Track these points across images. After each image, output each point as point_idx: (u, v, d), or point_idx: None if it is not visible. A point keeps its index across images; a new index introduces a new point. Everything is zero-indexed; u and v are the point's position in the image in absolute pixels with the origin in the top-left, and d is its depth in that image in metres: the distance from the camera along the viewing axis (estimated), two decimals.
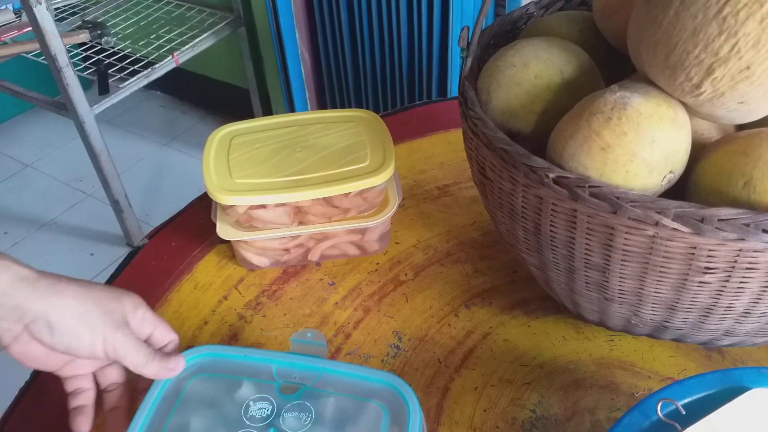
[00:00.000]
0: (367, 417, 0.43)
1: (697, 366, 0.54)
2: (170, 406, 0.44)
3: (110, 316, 0.43)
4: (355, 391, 0.45)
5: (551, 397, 0.52)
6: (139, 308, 0.45)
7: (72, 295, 0.42)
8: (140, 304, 0.46)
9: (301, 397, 0.45)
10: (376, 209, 0.64)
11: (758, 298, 0.41)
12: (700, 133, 0.46)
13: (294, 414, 0.44)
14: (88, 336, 0.42)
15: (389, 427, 0.43)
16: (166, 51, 1.70)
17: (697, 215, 0.37)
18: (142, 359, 0.44)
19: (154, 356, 0.44)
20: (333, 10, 1.57)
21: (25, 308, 0.40)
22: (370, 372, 0.46)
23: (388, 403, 0.44)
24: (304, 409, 0.44)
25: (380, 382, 0.45)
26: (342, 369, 0.46)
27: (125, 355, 0.43)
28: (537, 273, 0.53)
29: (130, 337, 0.43)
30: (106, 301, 0.43)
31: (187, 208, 0.73)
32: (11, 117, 2.29)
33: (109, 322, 0.42)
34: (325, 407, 0.44)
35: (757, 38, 0.37)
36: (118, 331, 0.43)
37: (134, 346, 0.44)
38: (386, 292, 0.62)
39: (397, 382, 0.45)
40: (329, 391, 0.45)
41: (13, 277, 0.40)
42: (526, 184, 0.43)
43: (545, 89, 0.48)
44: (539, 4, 0.60)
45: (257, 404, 0.44)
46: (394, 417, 0.43)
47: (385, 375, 0.45)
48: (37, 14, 1.26)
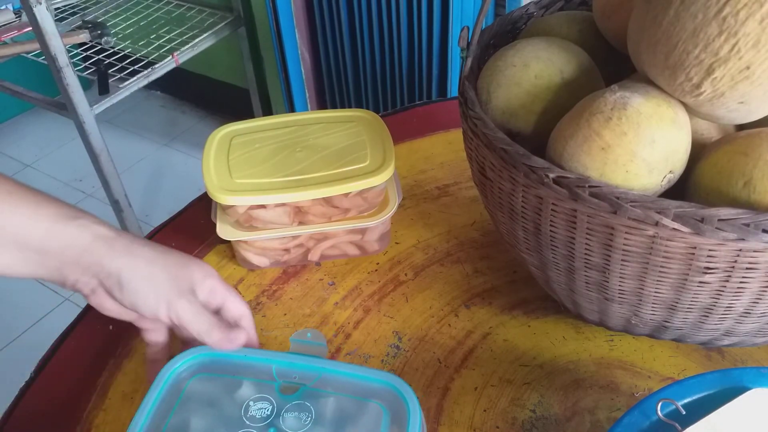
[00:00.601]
0: (367, 417, 0.43)
1: (697, 366, 0.54)
2: (170, 405, 0.44)
3: (177, 281, 0.44)
4: (355, 391, 0.45)
5: (551, 397, 0.52)
6: (208, 278, 0.46)
7: (144, 257, 0.44)
8: (210, 274, 0.46)
9: (301, 397, 0.45)
10: (376, 209, 0.64)
11: (758, 298, 0.41)
12: (700, 133, 0.46)
13: (294, 414, 0.44)
14: (153, 298, 0.43)
15: (389, 427, 0.43)
16: (166, 51, 1.70)
17: (697, 215, 0.37)
18: (204, 327, 0.44)
19: (216, 326, 0.45)
20: (333, 10, 1.57)
21: (102, 265, 0.43)
22: (370, 372, 0.46)
23: (388, 403, 0.44)
24: (304, 409, 0.44)
25: (380, 382, 0.45)
26: (342, 369, 0.46)
27: (188, 322, 0.44)
28: (537, 273, 0.53)
29: (194, 305, 0.44)
30: (175, 267, 0.44)
31: (187, 208, 0.73)
32: (11, 117, 2.29)
33: (175, 287, 0.44)
34: (325, 407, 0.44)
35: (757, 38, 0.37)
36: (183, 298, 0.44)
37: (197, 313, 0.44)
38: (386, 292, 0.62)
39: (397, 382, 0.45)
40: (329, 391, 0.45)
41: (92, 235, 0.43)
42: (526, 184, 0.43)
43: (545, 89, 0.48)
44: (539, 4, 0.60)
45: (257, 404, 0.44)
46: (394, 417, 0.43)
47: (385, 375, 0.45)
48: (37, 14, 1.26)
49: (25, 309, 1.63)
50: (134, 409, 0.53)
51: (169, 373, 0.45)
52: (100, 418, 0.52)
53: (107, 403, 0.53)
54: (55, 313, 1.62)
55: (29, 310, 1.62)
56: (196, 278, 0.45)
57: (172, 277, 0.44)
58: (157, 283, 0.43)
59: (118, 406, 0.53)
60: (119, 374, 0.56)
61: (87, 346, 0.58)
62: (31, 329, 1.58)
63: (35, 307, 1.63)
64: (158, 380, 0.45)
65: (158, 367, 0.46)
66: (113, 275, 0.43)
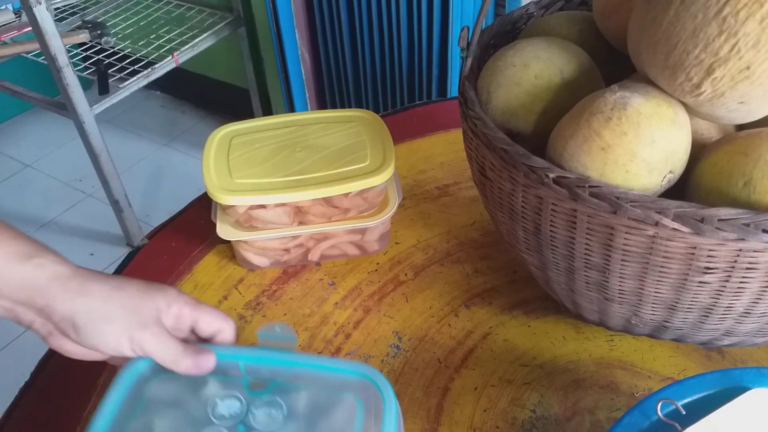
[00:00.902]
0: (341, 410, 0.42)
1: (697, 366, 0.54)
2: (131, 408, 0.42)
3: (138, 314, 0.42)
4: (327, 384, 0.43)
5: (551, 397, 0.52)
6: (173, 304, 0.44)
7: (99, 296, 0.42)
8: (174, 299, 0.44)
9: (272, 392, 0.43)
10: (376, 209, 0.64)
11: (758, 298, 0.41)
12: (700, 133, 0.46)
13: (265, 410, 0.42)
14: (112, 336, 0.42)
15: (364, 419, 0.41)
16: (166, 51, 1.70)
17: (697, 215, 0.37)
18: (170, 357, 0.43)
19: (183, 353, 0.43)
20: (333, 10, 1.57)
21: (54, 308, 0.41)
22: (342, 363, 0.44)
23: (363, 394, 0.43)
24: (275, 405, 0.43)
25: (353, 374, 0.43)
26: (313, 362, 0.44)
27: (153, 354, 0.43)
28: (537, 273, 0.53)
29: (158, 335, 0.43)
30: (135, 300, 0.43)
31: (187, 208, 0.73)
32: (11, 117, 2.29)
33: (135, 321, 0.42)
34: (297, 402, 0.43)
35: (757, 38, 0.37)
36: (146, 330, 0.42)
37: (162, 343, 0.43)
38: (386, 292, 0.62)
39: (371, 373, 0.43)
40: (301, 386, 0.43)
41: (48, 276, 0.41)
42: (526, 184, 0.43)
43: (545, 89, 0.48)
44: (539, 4, 0.60)
45: (225, 402, 0.43)
46: (369, 408, 0.42)
47: (358, 366, 0.44)
48: (37, 14, 1.26)
49: None
50: None
51: (129, 373, 0.43)
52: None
53: None
54: None
55: None
56: (160, 307, 0.43)
57: (132, 311, 0.42)
58: (115, 320, 0.42)
59: None
60: None
61: None
62: None
63: None
64: (117, 382, 0.43)
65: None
66: (67, 318, 0.41)
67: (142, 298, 0.43)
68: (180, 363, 0.43)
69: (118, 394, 0.42)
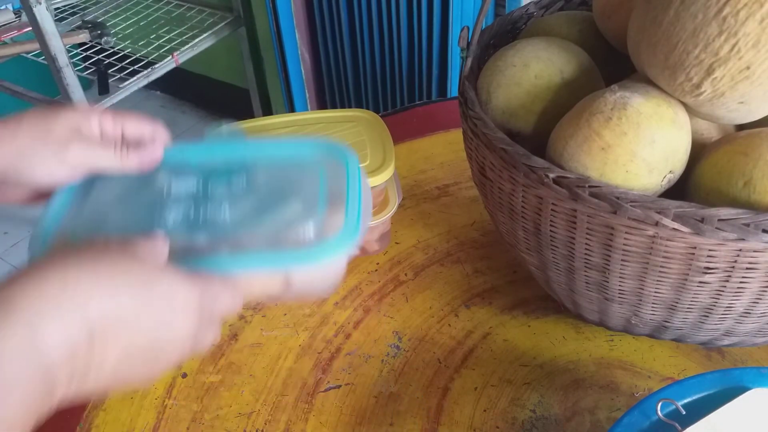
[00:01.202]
0: (303, 178, 0.40)
1: (697, 366, 0.54)
2: (80, 207, 0.39)
3: (53, 134, 0.39)
4: (287, 161, 0.41)
5: (551, 397, 0.52)
6: (91, 115, 0.40)
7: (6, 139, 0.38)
8: (90, 111, 0.41)
9: (230, 172, 0.40)
10: (376, 209, 0.64)
11: (758, 298, 0.41)
12: (700, 133, 0.46)
13: (224, 184, 0.39)
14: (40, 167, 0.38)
15: (327, 182, 0.39)
16: (166, 51, 1.70)
17: (697, 215, 0.37)
18: (109, 160, 0.39)
19: (124, 152, 0.40)
20: (333, 10, 1.57)
21: None
22: (301, 140, 0.43)
23: (327, 164, 0.41)
24: (235, 178, 0.40)
25: (314, 148, 0.42)
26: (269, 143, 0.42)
27: (89, 163, 0.39)
28: (537, 273, 0.53)
29: (87, 144, 0.39)
30: (41, 124, 0.39)
31: None
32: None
33: (53, 142, 0.39)
34: (256, 177, 0.40)
35: (757, 38, 0.37)
36: (71, 144, 0.39)
37: (93, 150, 0.39)
38: (386, 292, 0.62)
39: (332, 144, 0.41)
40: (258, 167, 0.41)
41: None
42: (526, 184, 0.43)
43: (545, 89, 0.48)
44: (539, 4, 0.60)
45: (179, 182, 0.39)
46: (332, 175, 0.40)
47: (318, 141, 0.42)
48: (37, 14, 1.26)
49: None
50: (134, 409, 0.53)
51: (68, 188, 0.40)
52: (100, 418, 0.52)
53: (107, 403, 0.53)
54: None
55: None
56: (76, 121, 0.40)
57: (44, 134, 0.39)
58: (34, 150, 0.38)
59: (118, 406, 0.53)
60: None
61: None
62: None
63: None
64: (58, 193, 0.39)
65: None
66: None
67: (45, 120, 0.39)
68: (124, 161, 0.40)
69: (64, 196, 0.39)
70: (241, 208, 0.38)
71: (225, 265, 0.35)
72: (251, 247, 0.36)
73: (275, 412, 0.52)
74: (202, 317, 0.33)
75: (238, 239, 0.37)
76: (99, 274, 0.30)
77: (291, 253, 0.36)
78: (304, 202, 0.38)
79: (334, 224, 0.37)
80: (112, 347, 0.30)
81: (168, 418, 0.52)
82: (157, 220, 0.38)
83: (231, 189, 0.39)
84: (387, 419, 0.51)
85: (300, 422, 0.51)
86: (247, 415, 0.52)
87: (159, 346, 0.32)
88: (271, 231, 0.37)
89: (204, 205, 0.38)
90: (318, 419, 0.51)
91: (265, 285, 0.38)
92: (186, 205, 0.38)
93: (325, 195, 0.39)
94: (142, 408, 0.53)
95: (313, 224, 0.37)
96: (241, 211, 0.38)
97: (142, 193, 0.39)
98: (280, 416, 0.52)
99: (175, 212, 0.38)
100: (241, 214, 0.38)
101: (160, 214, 0.38)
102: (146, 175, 0.40)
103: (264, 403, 0.53)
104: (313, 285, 0.39)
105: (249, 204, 0.38)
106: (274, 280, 0.37)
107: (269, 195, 0.39)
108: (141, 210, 0.39)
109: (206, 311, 0.34)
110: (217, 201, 0.38)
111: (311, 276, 0.39)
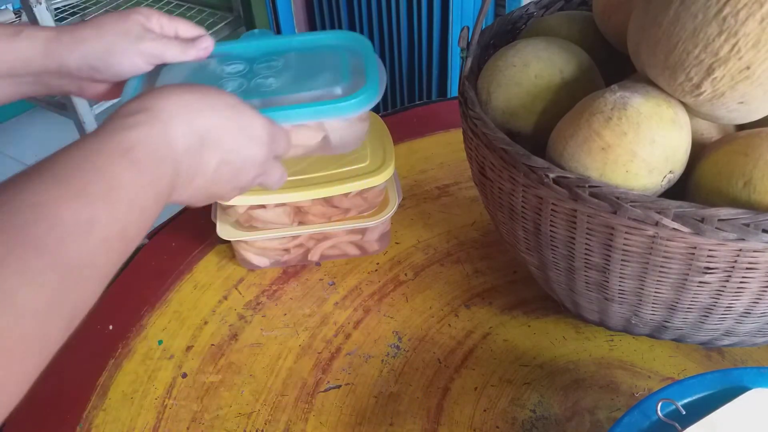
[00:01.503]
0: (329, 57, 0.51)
1: (697, 366, 0.54)
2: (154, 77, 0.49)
3: (129, 34, 0.47)
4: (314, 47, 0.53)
5: (551, 397, 0.52)
6: (152, 16, 0.49)
7: (93, 36, 0.46)
8: (151, 12, 0.49)
9: (270, 58, 0.52)
10: (376, 209, 0.64)
11: (758, 298, 0.41)
12: (700, 133, 0.46)
13: (264, 64, 0.51)
14: (125, 59, 0.47)
15: (349, 60, 0.51)
16: None
17: (697, 215, 0.37)
18: (176, 50, 0.49)
19: (185, 44, 0.50)
20: (333, 10, 1.57)
21: (66, 64, 0.46)
22: (326, 33, 0.55)
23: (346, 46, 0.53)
24: (274, 61, 0.51)
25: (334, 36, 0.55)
26: (298, 36, 0.54)
27: (161, 53, 0.48)
28: (537, 273, 0.53)
29: (157, 39, 0.48)
30: (120, 24, 0.47)
31: (187, 208, 0.73)
32: (11, 117, 2.29)
33: (132, 39, 0.47)
34: (290, 59, 0.52)
35: (757, 38, 0.37)
36: (144, 40, 0.47)
37: (163, 43, 0.48)
38: (386, 292, 0.62)
39: (354, 36, 0.54)
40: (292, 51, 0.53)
41: (43, 40, 0.46)
42: (526, 184, 0.43)
43: (545, 89, 0.48)
44: (539, 4, 0.60)
45: (229, 67, 0.51)
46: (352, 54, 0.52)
47: (343, 33, 0.54)
48: (37, 14, 1.26)
49: None
50: (134, 409, 0.53)
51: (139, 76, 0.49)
52: (100, 418, 0.52)
53: (107, 403, 0.53)
54: None
55: None
56: (141, 21, 0.48)
57: (123, 34, 0.47)
58: (117, 45, 0.47)
59: (118, 406, 0.53)
60: (119, 374, 0.56)
61: (87, 346, 0.58)
62: None
63: None
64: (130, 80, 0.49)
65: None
66: (81, 66, 0.46)
67: (122, 20, 0.48)
68: (187, 52, 0.50)
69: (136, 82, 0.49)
70: (283, 79, 0.50)
71: (276, 118, 0.45)
72: (295, 105, 0.47)
73: (275, 412, 0.52)
74: (269, 149, 0.42)
75: (284, 100, 0.48)
76: (202, 98, 0.38)
77: (326, 106, 0.47)
78: (333, 73, 0.50)
79: (357, 88, 0.48)
80: (212, 156, 0.38)
81: (168, 418, 0.52)
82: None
83: (272, 67, 0.51)
84: (387, 419, 0.51)
85: (300, 422, 0.51)
86: (247, 415, 0.52)
87: (240, 166, 0.40)
88: (309, 94, 0.48)
89: (252, 79, 0.50)
90: (318, 419, 0.51)
91: (308, 137, 0.50)
92: (239, 80, 0.50)
93: (348, 68, 0.50)
94: (142, 408, 0.53)
95: (341, 88, 0.48)
96: (283, 81, 0.50)
97: (200, 76, 0.50)
98: (280, 416, 0.52)
99: (231, 84, 0.49)
100: (283, 83, 0.49)
101: (220, 85, 0.49)
102: (201, 63, 0.51)
103: (264, 403, 0.53)
104: (343, 138, 0.51)
105: (289, 76, 0.50)
106: (314, 131, 0.50)
107: (304, 70, 0.51)
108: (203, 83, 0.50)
109: (272, 146, 0.42)
110: (262, 76, 0.50)
111: (342, 129, 0.50)
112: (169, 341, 0.59)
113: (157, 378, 0.55)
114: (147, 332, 0.59)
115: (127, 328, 0.60)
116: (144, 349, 0.58)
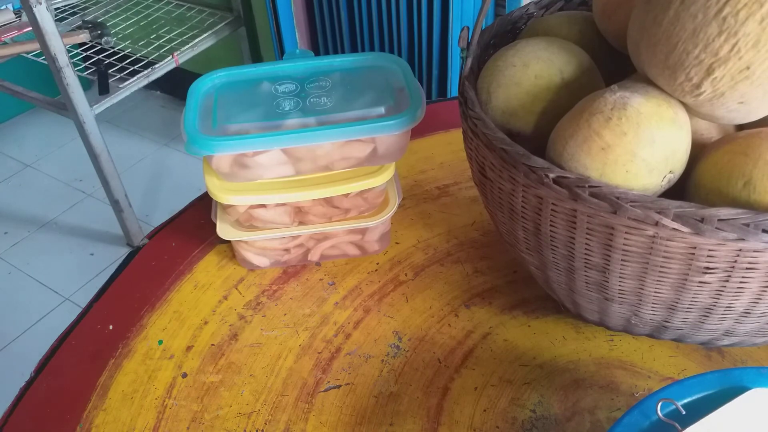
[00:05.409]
0: (371, 77, 0.59)
1: (697, 366, 0.54)
2: (209, 105, 0.56)
3: None
4: (355, 67, 0.60)
5: (551, 397, 0.52)
6: None
7: None
8: None
9: (317, 78, 0.58)
10: (376, 209, 0.64)
11: (758, 298, 0.41)
12: (700, 133, 0.46)
13: (314, 84, 0.57)
14: None
15: (389, 80, 0.58)
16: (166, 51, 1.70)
17: (697, 215, 0.37)
18: None
19: None
20: (333, 10, 1.57)
21: None
22: (360, 54, 0.62)
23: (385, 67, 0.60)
24: (323, 81, 0.57)
25: (372, 57, 0.61)
26: (338, 57, 0.60)
27: None
28: (537, 273, 0.53)
29: None
30: None
31: (187, 208, 0.73)
32: (11, 117, 2.29)
33: None
34: (338, 77, 0.58)
35: (757, 38, 0.37)
36: None
37: None
38: (386, 292, 0.62)
39: (392, 58, 0.61)
40: (336, 71, 0.59)
41: None
42: (526, 184, 0.44)
43: (545, 89, 0.48)
44: (539, 4, 0.60)
45: (282, 86, 0.57)
46: (391, 74, 0.59)
47: (382, 55, 0.61)
48: (37, 14, 1.26)
49: (25, 309, 1.63)
50: (134, 409, 0.53)
51: (198, 88, 0.57)
52: (100, 418, 0.52)
53: (107, 403, 0.53)
54: (55, 313, 1.62)
55: (29, 310, 1.62)
56: None
57: None
58: None
59: (118, 406, 0.53)
60: (119, 374, 0.56)
61: (87, 346, 0.58)
62: (30, 329, 1.58)
63: (35, 307, 1.63)
64: (191, 94, 0.57)
65: None
66: None
67: None
68: None
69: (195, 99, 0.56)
70: (335, 98, 0.56)
71: (336, 134, 0.53)
72: (351, 122, 0.54)
73: (275, 412, 0.52)
74: None
75: (339, 118, 0.55)
76: None
77: (379, 123, 0.54)
78: (378, 92, 0.57)
79: (402, 106, 0.56)
80: None
81: (168, 418, 0.52)
82: (276, 108, 0.56)
83: (322, 87, 0.57)
84: (387, 419, 0.51)
85: (300, 422, 0.51)
86: (247, 415, 0.52)
87: None
88: (361, 112, 0.55)
89: (306, 98, 0.56)
90: (318, 419, 0.51)
91: (359, 150, 0.56)
92: (294, 99, 0.56)
93: (392, 87, 0.57)
94: (142, 408, 0.53)
95: (387, 106, 0.55)
96: (336, 100, 0.56)
97: (255, 95, 0.56)
98: (280, 416, 0.52)
99: (287, 103, 0.56)
100: (336, 102, 0.56)
101: (278, 104, 0.56)
102: (254, 82, 0.57)
103: (264, 403, 0.53)
104: (389, 150, 0.57)
105: (338, 96, 0.57)
106: (366, 144, 0.57)
107: (352, 89, 0.57)
108: (263, 103, 0.56)
109: None
110: (315, 95, 0.56)
111: (389, 142, 0.57)
112: (169, 341, 0.59)
113: (157, 378, 0.55)
114: (147, 332, 0.60)
115: (127, 328, 0.60)
116: (144, 349, 0.58)
